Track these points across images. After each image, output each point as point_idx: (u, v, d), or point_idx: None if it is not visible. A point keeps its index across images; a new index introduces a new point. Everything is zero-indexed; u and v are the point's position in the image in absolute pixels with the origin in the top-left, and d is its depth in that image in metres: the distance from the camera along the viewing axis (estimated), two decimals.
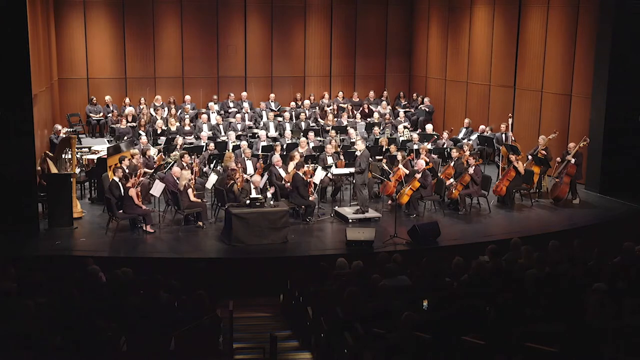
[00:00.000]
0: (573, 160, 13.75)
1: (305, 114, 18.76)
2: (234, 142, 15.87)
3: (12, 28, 11.30)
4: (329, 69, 21.53)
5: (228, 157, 13.77)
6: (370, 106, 19.97)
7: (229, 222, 11.46)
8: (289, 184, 12.86)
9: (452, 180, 13.54)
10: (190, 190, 12.36)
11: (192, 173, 12.91)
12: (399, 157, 13.92)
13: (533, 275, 8.27)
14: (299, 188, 12.51)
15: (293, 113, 18.98)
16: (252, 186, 12.19)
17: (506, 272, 8.68)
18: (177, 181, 12.37)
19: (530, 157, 14.35)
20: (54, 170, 12.69)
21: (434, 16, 20.72)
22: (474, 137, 17.09)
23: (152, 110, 18.57)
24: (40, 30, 16.10)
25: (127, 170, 12.41)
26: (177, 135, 16.14)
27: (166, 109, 18.75)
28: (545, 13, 16.34)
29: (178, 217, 12.60)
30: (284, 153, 14.57)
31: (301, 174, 12.62)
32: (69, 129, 17.22)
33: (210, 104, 19.24)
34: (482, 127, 17.31)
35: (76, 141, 13.76)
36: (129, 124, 17.52)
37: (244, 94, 20.19)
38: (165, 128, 17.17)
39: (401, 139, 16.51)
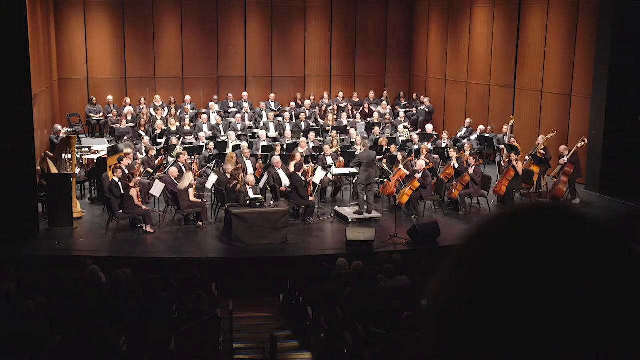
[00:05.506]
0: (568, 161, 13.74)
1: (306, 114, 18.75)
2: (234, 142, 15.86)
3: (12, 28, 11.31)
4: (329, 69, 21.52)
5: (230, 158, 13.76)
6: (370, 106, 19.96)
7: (229, 222, 11.45)
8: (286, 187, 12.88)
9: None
10: (191, 190, 12.36)
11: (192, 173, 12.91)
12: (400, 157, 13.92)
13: None
14: (298, 188, 12.50)
15: (293, 113, 18.97)
16: (248, 186, 12.18)
17: None
18: (175, 181, 12.37)
19: (529, 157, 14.35)
20: (54, 170, 12.68)
21: (434, 16, 20.71)
22: (473, 137, 17.08)
23: (152, 110, 18.56)
24: (40, 30, 16.10)
25: (126, 171, 12.42)
26: (171, 136, 16.13)
27: (166, 109, 18.74)
28: (545, 13, 16.33)
29: (178, 217, 12.61)
30: (284, 153, 14.56)
31: (300, 175, 12.62)
32: (69, 129, 17.21)
33: (211, 104, 19.23)
34: (481, 127, 17.30)
35: (76, 141, 13.76)
36: (128, 124, 17.52)
37: (244, 94, 20.18)
38: (165, 128, 17.16)
39: (401, 139, 16.51)
